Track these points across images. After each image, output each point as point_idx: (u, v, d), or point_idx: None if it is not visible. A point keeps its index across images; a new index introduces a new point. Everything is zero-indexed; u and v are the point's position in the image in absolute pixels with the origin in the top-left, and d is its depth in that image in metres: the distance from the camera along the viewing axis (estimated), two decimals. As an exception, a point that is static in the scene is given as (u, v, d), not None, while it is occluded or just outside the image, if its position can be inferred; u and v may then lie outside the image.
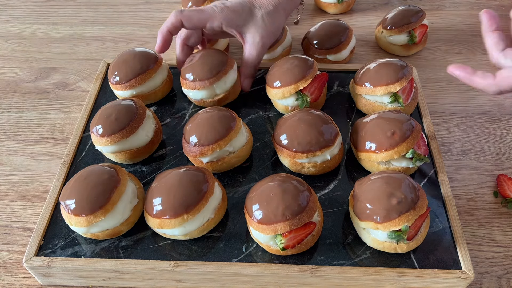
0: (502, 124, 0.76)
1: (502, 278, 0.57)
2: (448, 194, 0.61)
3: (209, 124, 0.61)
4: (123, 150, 0.64)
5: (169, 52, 0.90)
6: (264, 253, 0.55)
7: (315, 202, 0.54)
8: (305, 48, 0.86)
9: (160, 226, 0.54)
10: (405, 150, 0.59)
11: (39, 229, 0.57)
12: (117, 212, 0.55)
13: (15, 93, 0.82)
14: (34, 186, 0.68)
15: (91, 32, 0.96)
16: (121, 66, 0.71)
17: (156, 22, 0.99)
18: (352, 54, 0.85)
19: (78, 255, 0.55)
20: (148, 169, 0.66)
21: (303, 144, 0.60)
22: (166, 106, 0.75)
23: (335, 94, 0.76)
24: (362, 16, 1.00)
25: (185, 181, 0.55)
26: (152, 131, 0.66)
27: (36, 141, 0.74)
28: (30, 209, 0.65)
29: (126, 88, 0.71)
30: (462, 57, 0.89)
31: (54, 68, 0.87)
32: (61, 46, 0.92)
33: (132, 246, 0.56)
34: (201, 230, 0.56)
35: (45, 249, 0.56)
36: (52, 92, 0.83)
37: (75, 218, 0.54)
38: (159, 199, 0.55)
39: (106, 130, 0.62)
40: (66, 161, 0.65)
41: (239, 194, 0.62)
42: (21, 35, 0.95)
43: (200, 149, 0.61)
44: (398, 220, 0.51)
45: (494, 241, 0.61)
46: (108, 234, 0.56)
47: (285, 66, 0.68)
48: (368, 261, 0.54)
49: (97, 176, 0.56)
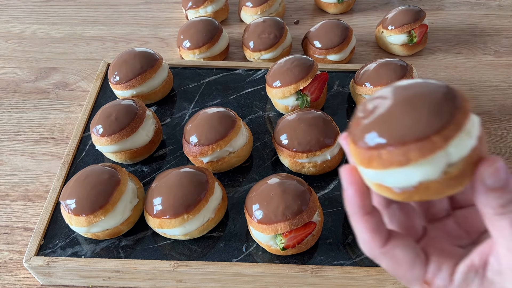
0: (502, 124, 0.76)
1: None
2: (448, 194, 0.60)
3: (209, 124, 0.61)
4: (123, 150, 0.64)
5: (169, 52, 0.91)
6: (264, 253, 0.55)
7: (316, 202, 0.54)
8: (305, 48, 0.86)
9: (160, 226, 0.54)
10: None
11: (39, 229, 0.57)
12: (117, 212, 0.55)
13: (15, 93, 0.82)
14: (34, 186, 0.68)
15: (91, 32, 0.96)
16: (121, 66, 0.71)
17: (156, 22, 0.99)
18: (352, 54, 0.85)
19: (78, 255, 0.55)
20: (148, 169, 0.66)
21: (303, 144, 0.60)
22: (166, 106, 0.75)
23: (335, 94, 0.76)
24: (362, 16, 1.00)
25: (185, 181, 0.55)
26: (152, 131, 0.66)
27: (36, 141, 0.74)
28: (30, 209, 0.65)
29: (126, 88, 0.71)
30: (462, 57, 0.89)
31: (54, 68, 0.87)
32: (61, 46, 0.92)
33: (132, 246, 0.56)
34: (201, 230, 0.56)
35: (45, 249, 0.56)
36: (52, 92, 0.83)
37: (75, 218, 0.54)
38: (159, 199, 0.55)
39: (106, 130, 0.62)
40: (66, 161, 0.65)
41: (239, 194, 0.62)
42: (21, 35, 0.95)
43: (200, 149, 0.61)
44: None
45: (494, 241, 0.61)
46: (108, 234, 0.56)
47: (285, 66, 0.68)
48: (369, 261, 0.54)
49: (97, 176, 0.56)
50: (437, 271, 0.27)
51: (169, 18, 0.99)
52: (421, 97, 0.25)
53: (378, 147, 0.24)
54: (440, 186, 0.24)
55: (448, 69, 0.87)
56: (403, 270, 0.27)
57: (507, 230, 0.24)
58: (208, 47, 0.82)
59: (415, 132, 0.24)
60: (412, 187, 0.25)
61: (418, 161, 0.24)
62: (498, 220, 0.24)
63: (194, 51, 0.82)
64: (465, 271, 0.26)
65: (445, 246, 0.28)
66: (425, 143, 0.24)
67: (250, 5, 0.93)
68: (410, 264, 0.27)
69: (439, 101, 0.25)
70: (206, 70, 0.79)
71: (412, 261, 0.27)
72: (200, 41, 0.82)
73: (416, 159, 0.24)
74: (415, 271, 0.27)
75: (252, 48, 0.83)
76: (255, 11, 0.92)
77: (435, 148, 0.24)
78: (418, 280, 0.27)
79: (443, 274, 0.27)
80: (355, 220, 0.27)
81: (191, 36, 0.82)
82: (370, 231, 0.26)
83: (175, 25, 0.97)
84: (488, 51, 0.90)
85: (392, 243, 0.27)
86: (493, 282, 0.25)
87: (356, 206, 0.26)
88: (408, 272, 0.27)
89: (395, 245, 0.27)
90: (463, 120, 0.25)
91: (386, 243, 0.27)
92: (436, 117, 0.24)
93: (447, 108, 0.25)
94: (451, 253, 0.28)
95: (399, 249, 0.27)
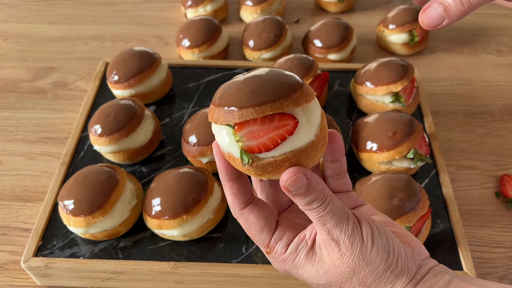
0: (504, 124, 0.76)
1: (503, 279, 0.57)
2: (450, 194, 0.60)
3: (208, 124, 0.61)
4: (122, 150, 0.63)
5: (168, 51, 0.90)
6: (264, 254, 0.55)
7: None
8: (305, 47, 0.86)
9: (159, 226, 0.54)
10: (406, 150, 0.58)
11: (38, 230, 0.57)
12: (116, 212, 0.55)
13: (14, 93, 0.82)
14: (33, 186, 0.67)
15: (90, 31, 0.95)
16: (120, 66, 0.70)
17: (155, 21, 0.98)
18: (353, 53, 0.85)
19: (77, 256, 0.55)
20: (147, 169, 0.65)
21: (303, 144, 0.60)
22: (165, 105, 0.74)
23: (335, 93, 0.76)
24: (363, 15, 1.00)
25: (185, 181, 0.55)
26: (151, 131, 0.66)
27: (34, 141, 0.74)
28: (28, 209, 0.64)
29: (125, 88, 0.70)
30: (463, 56, 0.88)
31: (52, 68, 0.87)
32: (59, 46, 0.92)
33: (131, 247, 0.56)
34: (201, 231, 0.55)
35: (44, 250, 0.55)
36: (51, 92, 0.82)
37: (74, 219, 0.53)
38: (158, 199, 0.54)
39: (105, 130, 0.61)
40: (65, 161, 0.65)
41: (239, 194, 0.62)
42: (19, 35, 0.94)
43: (199, 149, 0.60)
44: (399, 221, 0.51)
45: (496, 242, 0.60)
46: (106, 234, 0.55)
47: (286, 65, 0.68)
48: (369, 262, 0.54)
49: (96, 176, 0.55)
50: (279, 239, 0.33)
51: (168, 17, 0.99)
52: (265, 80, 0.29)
53: (218, 105, 0.29)
54: (243, 167, 0.29)
55: (449, 69, 0.86)
56: (253, 232, 0.33)
57: (315, 220, 0.30)
58: (208, 46, 0.81)
59: (234, 102, 0.28)
60: (227, 154, 0.30)
61: (221, 124, 0.28)
62: (308, 214, 0.30)
63: (193, 50, 0.82)
64: (297, 242, 0.32)
65: (296, 220, 0.34)
66: (229, 112, 0.28)
67: (250, 4, 0.92)
68: (259, 229, 0.33)
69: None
70: (205, 70, 0.79)
71: (261, 227, 0.33)
72: (199, 40, 0.81)
73: (220, 122, 0.28)
74: (262, 236, 0.33)
75: (252, 47, 0.82)
76: (255, 10, 0.92)
77: (227, 119, 0.28)
78: (262, 243, 0.33)
79: (282, 242, 0.32)
80: (223, 185, 0.32)
81: (191, 35, 0.82)
82: (232, 194, 0.32)
83: (174, 24, 0.96)
84: (490, 51, 0.90)
85: (249, 208, 0.33)
86: (316, 253, 0.32)
87: (222, 172, 0.32)
88: (257, 235, 0.33)
89: (251, 210, 0.32)
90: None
91: (244, 207, 0.33)
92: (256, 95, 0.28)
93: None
94: (296, 227, 0.33)
95: (253, 215, 0.32)
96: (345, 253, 0.30)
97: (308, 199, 0.29)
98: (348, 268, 0.30)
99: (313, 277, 0.32)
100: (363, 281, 0.31)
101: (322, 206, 0.30)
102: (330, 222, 0.30)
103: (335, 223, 0.30)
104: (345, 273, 0.31)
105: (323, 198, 0.30)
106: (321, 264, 0.31)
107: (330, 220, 0.30)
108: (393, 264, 0.30)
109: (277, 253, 0.33)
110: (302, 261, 0.32)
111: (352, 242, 0.30)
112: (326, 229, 0.30)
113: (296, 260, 0.32)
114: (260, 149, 0.29)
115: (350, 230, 0.30)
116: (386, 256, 0.30)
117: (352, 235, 0.30)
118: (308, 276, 0.32)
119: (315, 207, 0.30)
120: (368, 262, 0.30)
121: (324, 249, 0.31)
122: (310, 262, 0.32)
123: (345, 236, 0.30)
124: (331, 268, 0.31)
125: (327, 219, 0.30)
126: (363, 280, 0.31)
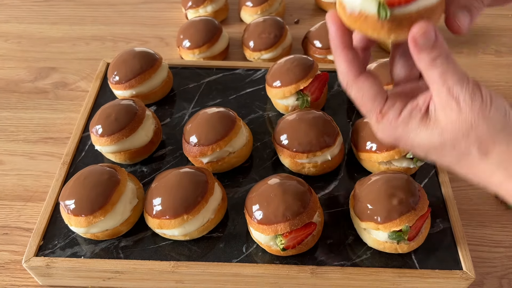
0: (503, 124, 0.76)
1: (503, 279, 0.57)
2: (449, 194, 0.60)
3: (209, 124, 0.61)
4: (123, 150, 0.63)
5: (168, 52, 0.90)
6: (264, 253, 0.55)
7: (316, 202, 0.54)
8: (305, 47, 0.86)
9: (160, 226, 0.54)
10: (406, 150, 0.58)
11: (39, 230, 0.57)
12: (117, 212, 0.55)
13: (15, 93, 0.82)
14: (34, 186, 0.67)
15: (91, 31, 0.96)
16: (121, 66, 0.71)
17: (156, 21, 0.98)
18: (352, 53, 0.85)
19: (78, 255, 0.55)
20: (148, 169, 0.65)
21: (303, 144, 0.60)
22: (166, 106, 0.75)
23: (335, 94, 0.76)
24: (363, 15, 1.00)
25: (185, 181, 0.55)
26: (152, 131, 0.66)
27: (35, 141, 0.74)
28: (29, 209, 0.65)
29: (126, 88, 0.71)
30: (462, 57, 0.89)
31: (53, 68, 0.87)
32: (60, 46, 0.92)
33: (132, 247, 0.56)
34: (201, 230, 0.56)
35: (45, 250, 0.56)
36: (52, 92, 0.82)
37: (75, 219, 0.53)
38: (159, 199, 0.54)
39: (106, 130, 0.62)
40: (66, 161, 0.65)
41: (239, 194, 0.62)
42: (20, 35, 0.95)
43: (200, 149, 0.61)
44: (398, 221, 0.51)
45: (495, 241, 0.61)
46: (107, 234, 0.55)
47: (286, 66, 0.68)
48: (369, 261, 0.54)
49: (97, 176, 0.55)
50: (392, 105, 0.34)
51: (169, 18, 0.99)
52: None
53: None
54: (375, 24, 0.31)
55: (449, 69, 0.86)
56: (366, 99, 0.35)
57: (437, 78, 0.32)
58: (208, 46, 0.82)
59: None
60: (357, 13, 0.31)
61: None
62: (430, 73, 0.32)
63: (194, 50, 0.82)
64: (411, 108, 0.34)
65: (404, 93, 0.36)
66: None
67: (250, 4, 0.92)
68: (373, 96, 0.35)
69: None
70: (206, 70, 0.79)
71: (375, 94, 0.35)
72: (200, 41, 0.81)
73: None
74: (376, 102, 0.35)
75: (252, 48, 0.83)
76: (255, 11, 0.92)
77: None
78: (375, 110, 0.35)
79: (395, 108, 0.34)
80: (337, 53, 0.34)
81: (191, 36, 0.82)
82: (347, 62, 0.34)
83: (175, 24, 0.96)
84: (489, 51, 0.90)
85: (364, 77, 0.35)
86: (430, 118, 0.33)
87: (337, 40, 0.33)
88: (369, 102, 0.35)
89: (366, 77, 0.35)
90: None
91: (359, 76, 0.35)
92: None
93: None
94: (405, 99, 0.35)
95: (368, 82, 0.34)
96: (465, 108, 0.31)
97: (434, 54, 0.31)
98: (466, 123, 0.31)
99: (426, 139, 0.33)
100: (480, 137, 0.31)
101: (446, 62, 0.31)
102: (452, 79, 0.31)
103: (457, 80, 0.31)
104: (463, 129, 0.32)
105: (447, 55, 0.31)
106: (436, 125, 0.33)
107: (452, 77, 0.31)
108: (509, 125, 0.32)
109: (390, 118, 0.34)
110: (415, 125, 0.33)
111: (472, 98, 0.31)
112: (447, 86, 0.31)
113: (409, 125, 0.34)
114: (401, 1, 0.30)
115: (471, 88, 0.31)
116: (503, 115, 0.32)
117: (473, 92, 0.31)
118: (421, 139, 0.34)
119: (439, 63, 0.31)
120: (487, 118, 0.31)
121: (441, 110, 0.32)
122: (424, 125, 0.33)
123: (466, 93, 0.31)
124: (447, 126, 0.32)
125: (449, 76, 0.31)
126: (480, 136, 0.31)
